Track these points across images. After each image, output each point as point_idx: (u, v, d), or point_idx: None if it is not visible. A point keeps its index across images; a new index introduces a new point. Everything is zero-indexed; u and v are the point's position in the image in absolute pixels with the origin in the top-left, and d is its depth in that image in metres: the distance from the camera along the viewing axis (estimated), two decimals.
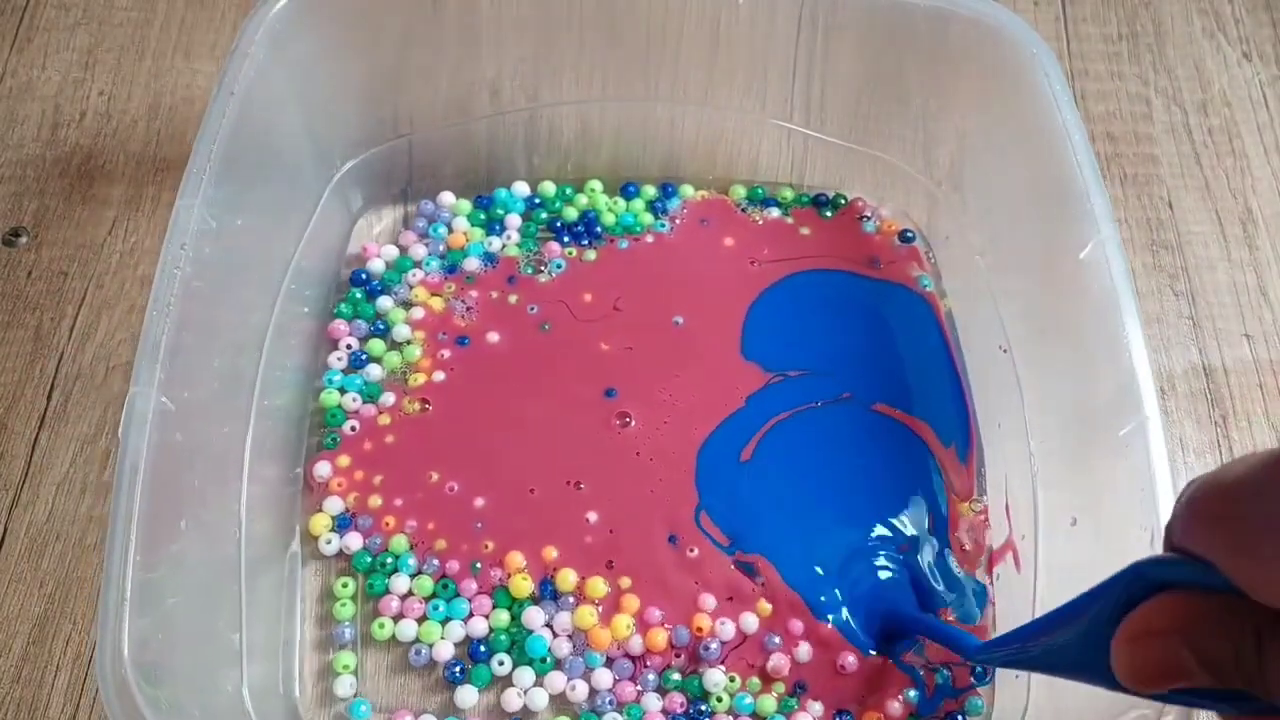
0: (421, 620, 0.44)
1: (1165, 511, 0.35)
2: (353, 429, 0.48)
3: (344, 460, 0.47)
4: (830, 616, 0.44)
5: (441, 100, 0.52)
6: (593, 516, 0.46)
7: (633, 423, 0.49)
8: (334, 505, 0.46)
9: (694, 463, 0.48)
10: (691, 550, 0.46)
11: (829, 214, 0.55)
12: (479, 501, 0.47)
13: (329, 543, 0.46)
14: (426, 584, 0.45)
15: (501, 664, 0.43)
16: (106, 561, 0.34)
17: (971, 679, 0.43)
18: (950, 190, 0.52)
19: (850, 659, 0.43)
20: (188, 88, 0.59)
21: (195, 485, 0.39)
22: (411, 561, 0.45)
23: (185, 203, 0.40)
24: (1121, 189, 0.57)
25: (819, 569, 0.46)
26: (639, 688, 0.43)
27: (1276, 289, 0.55)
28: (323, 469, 0.47)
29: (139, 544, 0.34)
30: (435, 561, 0.45)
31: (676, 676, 0.43)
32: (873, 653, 0.44)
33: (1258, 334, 0.53)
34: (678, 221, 0.55)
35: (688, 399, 0.50)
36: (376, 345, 0.51)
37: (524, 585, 0.45)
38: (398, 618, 0.45)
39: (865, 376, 0.51)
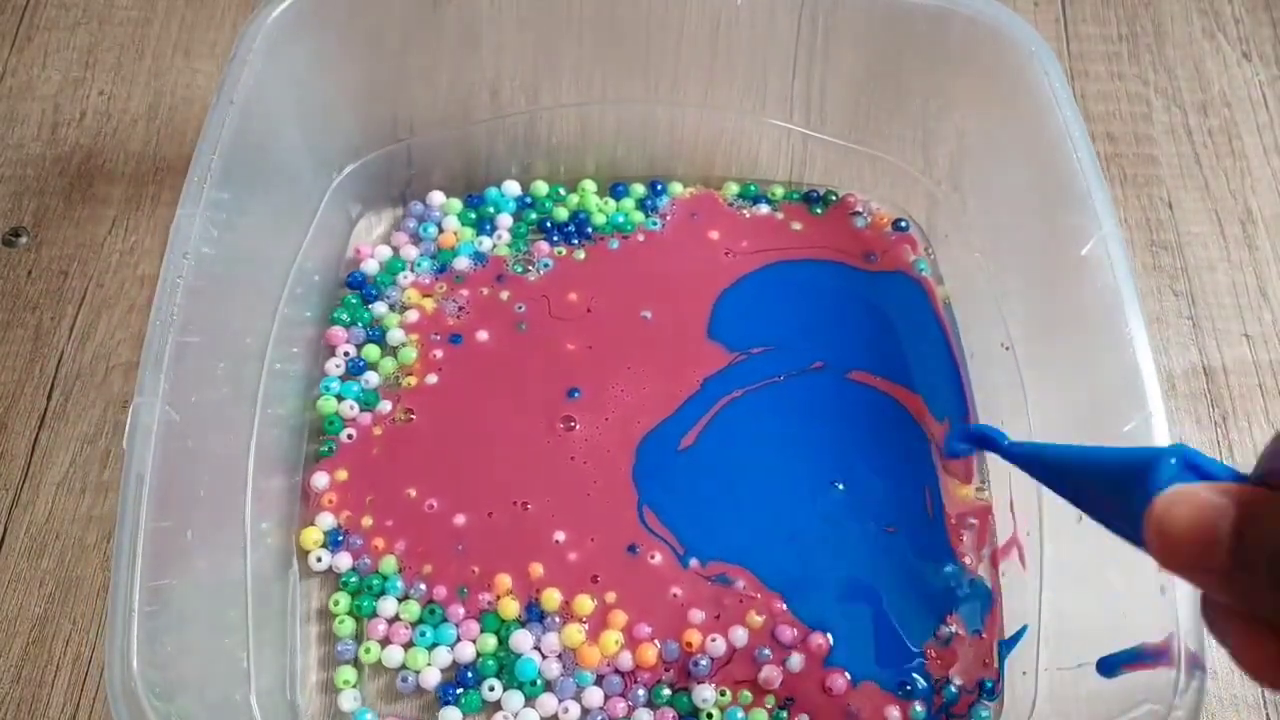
0: (408, 646, 0.44)
1: None
2: (349, 437, 0.48)
3: (342, 474, 0.47)
4: (804, 600, 0.44)
5: (441, 104, 0.52)
6: (560, 536, 0.46)
7: (576, 426, 0.48)
8: (325, 520, 0.46)
9: (632, 458, 0.47)
10: (653, 556, 0.45)
11: (820, 210, 0.55)
12: (459, 519, 0.46)
13: (319, 560, 0.45)
14: (414, 608, 0.44)
15: (492, 689, 0.43)
16: (114, 573, 0.34)
17: (980, 695, 0.43)
18: (950, 190, 0.52)
19: (839, 681, 0.43)
20: (188, 87, 0.59)
21: (201, 495, 0.39)
22: (400, 584, 0.45)
23: (186, 211, 0.39)
24: (1121, 189, 0.58)
25: (795, 560, 0.45)
26: (629, 703, 0.43)
27: (1276, 289, 0.55)
28: (320, 480, 0.47)
29: (146, 555, 0.34)
30: (422, 586, 0.45)
31: (666, 692, 0.43)
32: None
33: (1257, 334, 0.53)
34: (668, 218, 0.55)
35: (638, 391, 0.49)
36: (372, 351, 0.50)
37: (512, 607, 0.44)
38: (384, 642, 0.44)
39: (842, 346, 0.50)
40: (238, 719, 0.38)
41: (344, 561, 0.45)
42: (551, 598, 0.44)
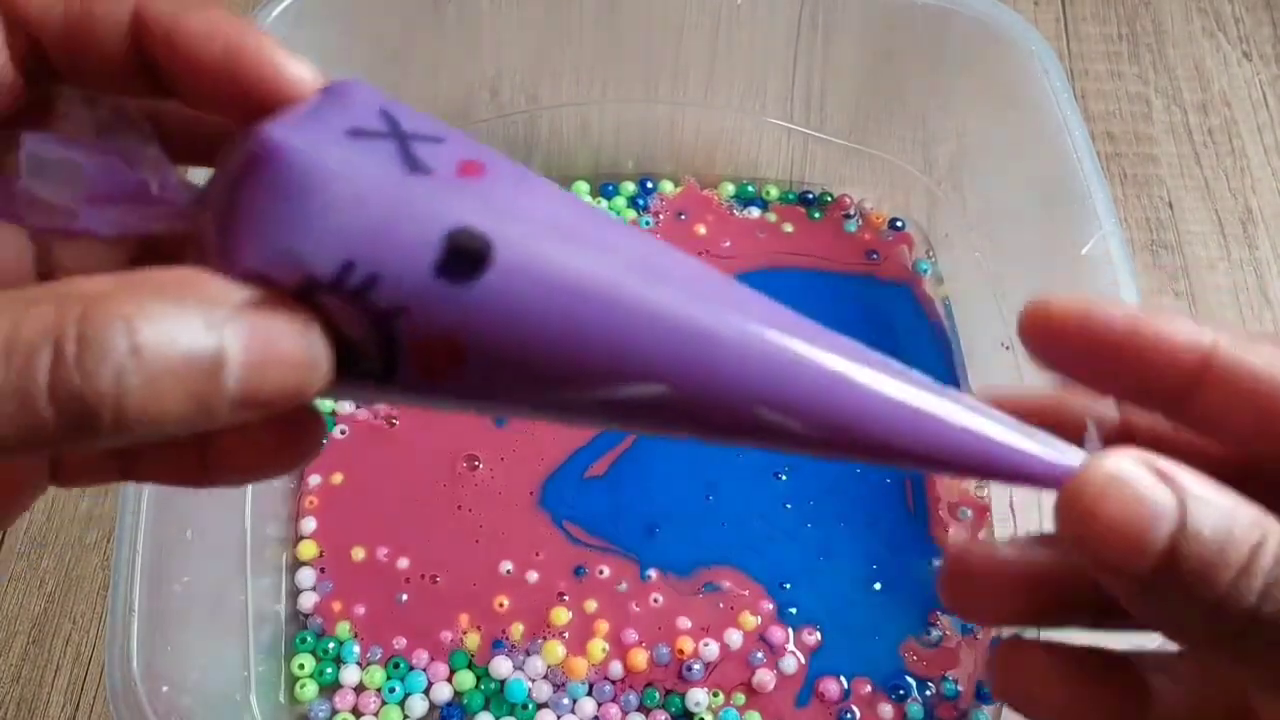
0: (379, 712, 0.42)
1: None
2: (342, 433, 0.48)
3: (338, 477, 0.47)
4: (793, 610, 0.44)
5: (441, 104, 0.52)
6: (508, 565, 0.44)
7: (480, 465, 0.47)
8: (309, 524, 0.46)
9: (539, 485, 0.46)
10: (601, 571, 0.45)
11: (817, 214, 0.55)
12: (403, 562, 0.45)
13: (295, 577, 0.44)
14: (377, 675, 0.42)
15: None
16: (114, 573, 0.34)
17: (978, 698, 0.43)
18: (950, 189, 0.52)
19: (832, 688, 0.43)
20: None
21: (201, 495, 0.39)
22: (355, 650, 0.43)
23: None
24: (1121, 189, 0.58)
25: (778, 558, 0.45)
26: (622, 709, 0.42)
27: (1276, 289, 0.55)
28: (314, 480, 0.47)
29: (146, 555, 0.34)
30: (379, 649, 0.43)
31: (658, 695, 0.42)
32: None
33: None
34: (661, 217, 0.55)
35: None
36: None
37: (475, 639, 0.43)
38: (355, 712, 0.42)
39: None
40: (239, 717, 0.38)
41: (308, 600, 0.44)
42: (516, 630, 0.43)
